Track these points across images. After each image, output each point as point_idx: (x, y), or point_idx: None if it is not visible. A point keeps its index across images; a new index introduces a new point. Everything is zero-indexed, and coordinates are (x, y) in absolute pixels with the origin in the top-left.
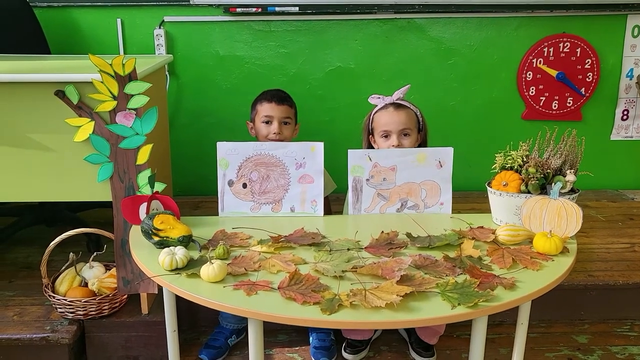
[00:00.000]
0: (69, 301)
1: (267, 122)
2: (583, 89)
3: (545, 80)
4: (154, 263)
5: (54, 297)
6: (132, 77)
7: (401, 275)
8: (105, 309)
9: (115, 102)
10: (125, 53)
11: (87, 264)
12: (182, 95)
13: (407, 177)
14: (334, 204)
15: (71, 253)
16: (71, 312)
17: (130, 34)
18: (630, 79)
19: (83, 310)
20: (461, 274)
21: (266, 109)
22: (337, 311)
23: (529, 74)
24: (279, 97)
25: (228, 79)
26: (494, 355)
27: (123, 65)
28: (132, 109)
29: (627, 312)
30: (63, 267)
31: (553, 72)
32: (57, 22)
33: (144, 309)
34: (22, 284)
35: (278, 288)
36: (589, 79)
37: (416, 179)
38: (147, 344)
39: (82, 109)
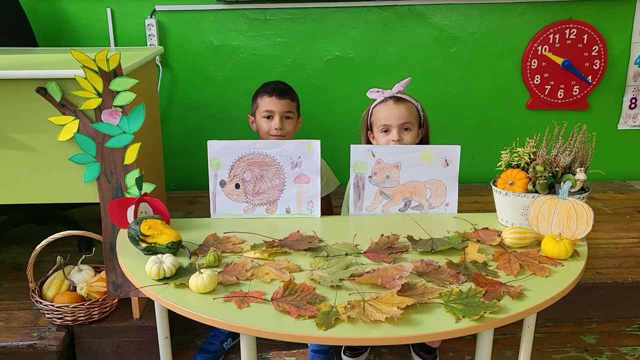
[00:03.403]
0: (56, 307)
1: (268, 117)
2: (590, 77)
3: (551, 68)
4: (143, 271)
5: (41, 302)
6: (117, 72)
7: (402, 284)
8: (95, 314)
9: (100, 100)
10: (116, 44)
11: (76, 267)
12: (176, 87)
13: (411, 175)
14: (334, 197)
15: (59, 256)
16: (59, 318)
17: (121, 24)
18: (639, 66)
19: (72, 316)
20: (466, 281)
21: (267, 103)
22: (334, 326)
23: (534, 62)
24: (280, 90)
25: (223, 69)
26: (499, 358)
27: (107, 60)
28: (118, 107)
29: (637, 310)
30: (51, 271)
31: (559, 60)
32: (44, 12)
33: (136, 313)
34: (9, 287)
35: (271, 300)
36: (596, 66)
37: (421, 177)
38: (139, 350)
39: (65, 106)
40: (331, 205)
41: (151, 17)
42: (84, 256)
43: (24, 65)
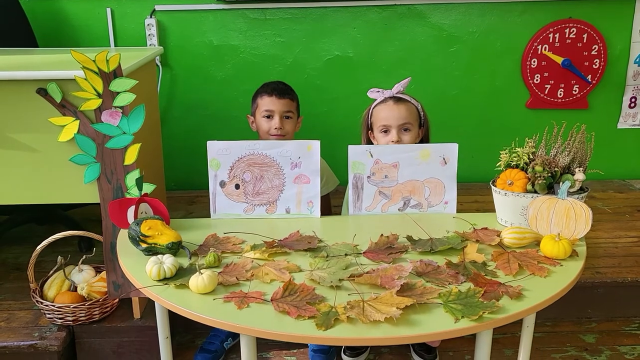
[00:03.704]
0: (57, 307)
1: (267, 117)
2: (589, 76)
3: (551, 68)
4: (143, 271)
5: (41, 302)
6: (117, 73)
7: (401, 284)
8: (96, 314)
9: (100, 100)
10: (116, 44)
11: (76, 267)
12: (175, 86)
13: (410, 174)
14: (333, 197)
15: (59, 256)
16: (60, 318)
17: (121, 24)
18: (639, 65)
19: (72, 316)
20: (465, 281)
21: (267, 103)
22: (333, 326)
23: (534, 61)
24: (279, 90)
25: (223, 69)
26: (498, 357)
27: (107, 61)
28: (118, 107)
29: (636, 309)
30: (52, 271)
31: (558, 59)
32: (43, 12)
33: (136, 313)
34: (10, 287)
35: (271, 300)
36: (596, 65)
37: (419, 176)
38: (140, 350)
39: (65, 107)
40: (330, 204)
41: (151, 17)
42: (84, 256)
43: (24, 66)
